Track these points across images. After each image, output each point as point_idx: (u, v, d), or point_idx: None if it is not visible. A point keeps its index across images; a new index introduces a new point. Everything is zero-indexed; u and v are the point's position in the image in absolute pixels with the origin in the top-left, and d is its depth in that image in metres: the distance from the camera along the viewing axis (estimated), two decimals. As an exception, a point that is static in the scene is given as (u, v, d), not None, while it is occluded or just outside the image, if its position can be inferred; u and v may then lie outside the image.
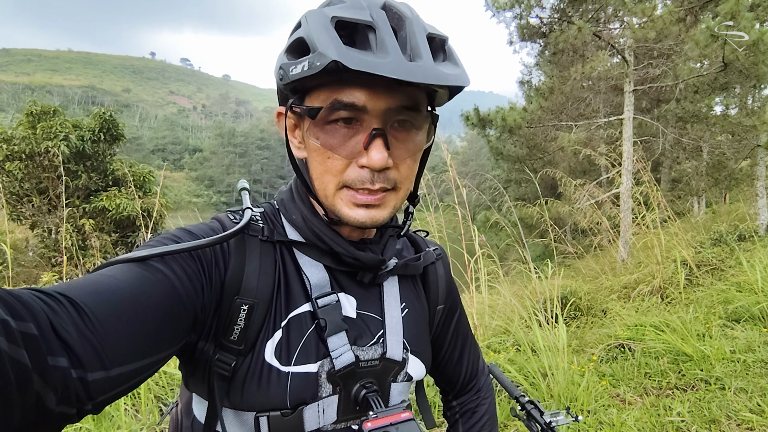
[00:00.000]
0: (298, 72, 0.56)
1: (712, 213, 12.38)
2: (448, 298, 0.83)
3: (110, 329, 0.43)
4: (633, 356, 3.33)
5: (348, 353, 0.63)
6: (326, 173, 0.60)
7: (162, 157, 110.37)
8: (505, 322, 3.94)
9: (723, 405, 2.56)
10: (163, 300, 0.50)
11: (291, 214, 0.68)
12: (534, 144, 11.36)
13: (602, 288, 5.62)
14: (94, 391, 0.41)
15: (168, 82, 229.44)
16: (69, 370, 0.38)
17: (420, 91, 0.59)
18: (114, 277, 0.48)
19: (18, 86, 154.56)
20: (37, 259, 10.46)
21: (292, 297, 0.64)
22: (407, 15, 0.58)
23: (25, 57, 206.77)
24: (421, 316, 0.76)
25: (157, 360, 0.49)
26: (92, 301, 0.43)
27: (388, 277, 0.72)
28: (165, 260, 0.53)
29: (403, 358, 0.70)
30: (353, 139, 0.58)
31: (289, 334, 0.62)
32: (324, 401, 0.63)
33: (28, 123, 10.67)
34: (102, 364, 0.41)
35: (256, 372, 0.60)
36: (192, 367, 0.63)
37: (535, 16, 8.70)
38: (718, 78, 8.16)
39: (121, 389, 0.45)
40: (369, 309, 0.70)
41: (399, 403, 0.70)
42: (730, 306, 3.94)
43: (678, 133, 10.27)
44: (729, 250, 5.93)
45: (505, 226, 5.52)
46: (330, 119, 0.58)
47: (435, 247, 0.82)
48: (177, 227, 0.62)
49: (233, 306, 0.59)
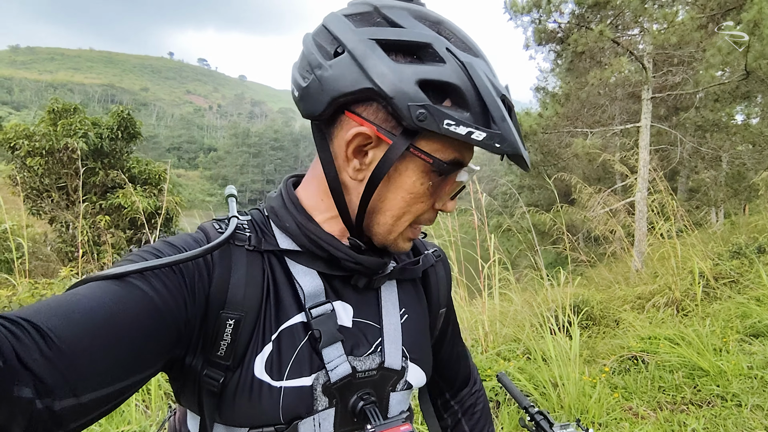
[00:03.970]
0: (452, 131, 0.52)
1: (730, 224, 12.09)
2: (449, 300, 0.82)
3: (80, 354, 0.41)
4: (646, 369, 3.27)
5: (344, 365, 0.61)
6: (407, 213, 0.61)
7: (177, 156, 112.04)
8: (516, 330, 3.90)
9: (739, 422, 2.49)
10: (141, 317, 0.48)
11: (283, 222, 0.65)
12: (548, 150, 11.27)
13: (615, 298, 5.52)
14: (65, 420, 0.40)
15: (185, 82, 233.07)
16: (34, 401, 0.37)
17: None
18: (87, 297, 0.46)
19: (41, 84, 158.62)
20: (55, 253, 10.67)
21: (283, 308, 0.61)
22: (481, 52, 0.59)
23: (49, 55, 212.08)
24: (421, 322, 0.74)
25: (136, 381, 0.47)
26: (60, 326, 0.41)
27: (385, 282, 0.70)
28: (144, 276, 0.51)
29: (403, 367, 0.67)
30: (444, 189, 0.61)
31: (280, 347, 0.60)
32: (320, 415, 0.61)
33: (50, 120, 10.91)
34: (72, 391, 0.40)
35: (246, 388, 0.57)
36: (181, 383, 0.61)
37: (553, 21, 8.64)
38: (740, 86, 8.00)
39: (97, 413, 0.44)
40: (366, 316, 0.67)
41: (398, 415, 0.68)
42: (749, 320, 3.84)
43: (697, 142, 10.09)
44: (748, 263, 5.78)
45: (516, 232, 5.48)
46: (445, 172, 0.58)
47: (434, 249, 0.80)
48: (159, 239, 0.60)
49: (219, 320, 0.56)
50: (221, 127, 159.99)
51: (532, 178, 15.67)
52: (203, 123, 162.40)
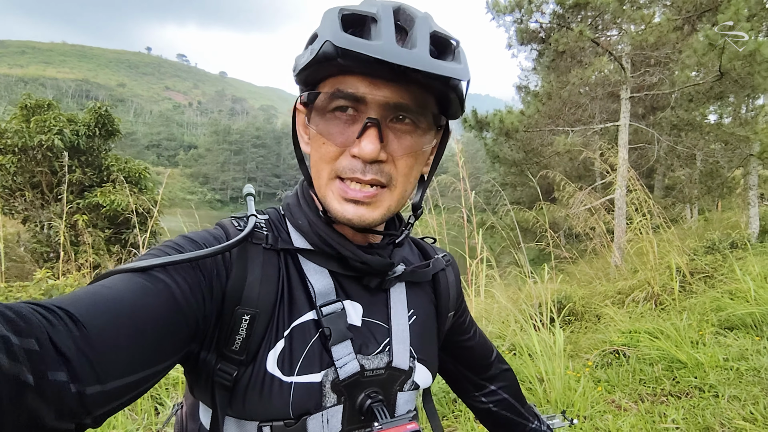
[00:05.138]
0: (304, 60, 0.58)
1: (704, 220, 12.50)
2: (458, 304, 0.84)
3: (107, 342, 0.43)
4: (628, 362, 3.36)
5: (353, 362, 0.63)
6: (320, 161, 0.61)
7: (157, 153, 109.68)
8: (501, 327, 3.96)
9: (717, 412, 2.58)
10: (163, 311, 0.49)
11: (297, 219, 0.67)
12: (530, 148, 11.41)
13: (596, 293, 5.65)
14: (92, 406, 0.41)
15: (164, 78, 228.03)
16: (68, 385, 0.38)
17: (426, 92, 0.59)
18: (113, 288, 0.47)
19: (11, 78, 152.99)
20: (29, 254, 10.34)
21: (296, 305, 0.63)
22: (418, 15, 0.59)
23: (19, 49, 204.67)
24: (429, 324, 0.76)
25: (157, 371, 0.49)
26: (90, 314, 0.43)
27: (395, 283, 0.71)
28: (166, 270, 0.53)
29: (410, 367, 0.69)
30: (349, 128, 0.58)
31: (292, 344, 0.61)
32: (328, 411, 0.62)
33: (22, 116, 10.55)
34: (97, 378, 0.41)
35: (258, 382, 0.59)
36: (196, 376, 0.62)
37: (534, 21, 8.75)
38: (714, 87, 8.25)
39: (120, 402, 0.45)
40: (375, 316, 0.68)
41: (405, 413, 0.69)
42: (723, 314, 3.98)
43: (673, 141, 10.36)
44: (722, 258, 5.99)
45: (500, 229, 5.55)
46: (330, 107, 0.58)
47: (444, 254, 0.82)
48: (179, 235, 0.61)
49: (234, 316, 0.58)
50: (201, 124, 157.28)
51: (514, 176, 15.86)
52: (183, 120, 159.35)
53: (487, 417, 0.96)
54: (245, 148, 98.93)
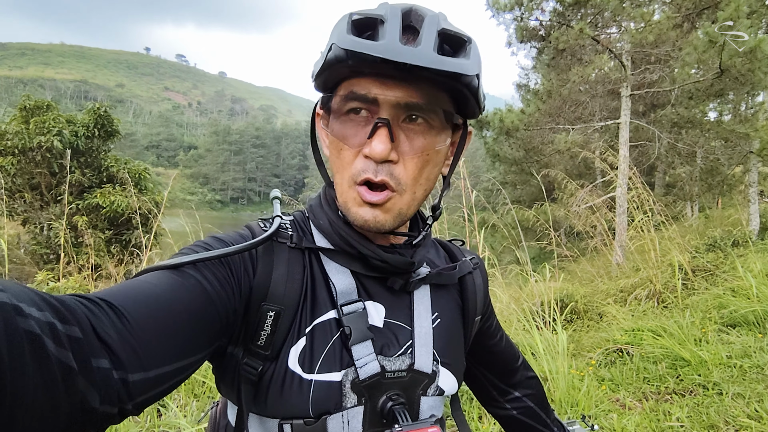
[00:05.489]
0: (318, 65, 0.60)
1: (705, 218, 12.49)
2: (485, 308, 0.82)
3: (148, 332, 0.45)
4: (631, 360, 3.35)
5: (373, 363, 0.62)
6: (341, 168, 0.61)
7: (156, 154, 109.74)
8: (504, 326, 3.95)
9: (721, 410, 2.57)
10: (196, 304, 0.51)
11: (318, 219, 0.68)
12: (531, 147, 11.40)
13: (598, 291, 5.64)
14: (135, 392, 0.43)
15: (163, 78, 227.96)
16: (111, 371, 0.40)
17: (438, 91, 0.58)
18: (150, 283, 0.50)
19: (11, 80, 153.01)
20: (29, 256, 10.33)
21: (318, 304, 0.64)
22: (428, 14, 0.58)
23: (19, 51, 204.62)
24: (454, 328, 0.74)
25: (191, 362, 0.50)
26: (131, 306, 0.45)
27: (419, 286, 0.70)
28: (197, 267, 0.55)
29: (433, 371, 0.67)
30: (362, 129, 0.59)
31: (313, 342, 0.62)
32: (348, 412, 0.61)
33: (22, 118, 10.54)
34: (141, 365, 0.43)
35: (279, 378, 0.60)
36: (222, 372, 0.64)
37: (534, 19, 8.74)
38: (714, 84, 8.24)
39: (159, 390, 0.46)
40: (398, 318, 0.68)
41: (428, 418, 0.67)
42: (725, 311, 3.97)
43: (673, 138, 10.35)
44: (724, 256, 5.98)
45: (501, 228, 5.54)
46: (344, 110, 0.59)
47: (472, 257, 0.80)
48: (208, 234, 0.64)
49: (260, 311, 0.59)
50: (201, 124, 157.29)
51: (514, 174, 15.85)
52: (182, 120, 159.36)
53: (510, 424, 0.94)
54: (245, 149, 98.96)
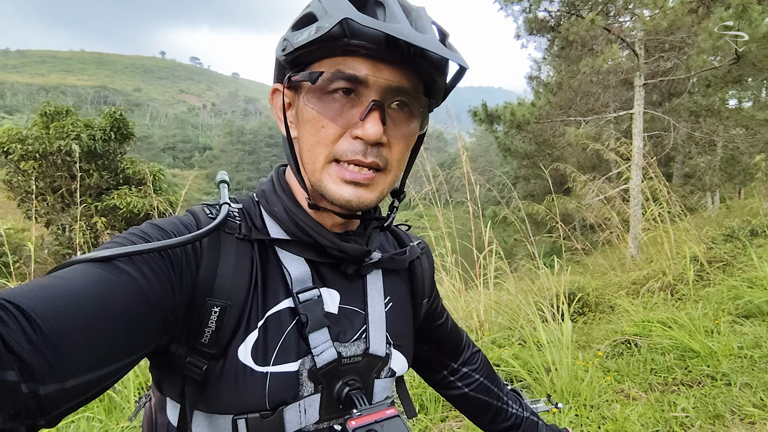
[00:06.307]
0: (303, 38, 0.56)
1: (726, 208, 12.17)
2: (432, 290, 0.84)
3: (65, 339, 0.40)
4: (639, 352, 3.31)
5: (330, 350, 0.62)
6: (318, 144, 0.58)
7: (172, 156, 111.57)
8: (511, 319, 3.94)
9: (728, 400, 2.54)
10: (127, 303, 0.46)
11: (272, 206, 0.66)
12: (542, 140, 11.25)
13: (611, 284, 5.57)
14: (48, 405, 0.39)
15: (178, 81, 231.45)
16: (19, 384, 0.36)
17: (418, 78, 0.60)
18: (72, 280, 0.44)
19: (33, 87, 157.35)
20: (52, 256, 10.66)
21: (271, 294, 0.62)
22: (414, 6, 0.60)
23: (40, 58, 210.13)
24: (405, 311, 0.76)
25: (121, 366, 0.46)
26: (45, 309, 0.40)
27: (372, 270, 0.71)
28: (132, 260, 0.50)
29: (387, 354, 0.68)
30: (351, 110, 0.57)
31: (266, 334, 0.60)
32: (305, 401, 0.61)
33: (42, 123, 10.87)
34: (55, 376, 0.39)
35: (231, 374, 0.57)
36: (164, 370, 0.61)
37: (543, 10, 8.62)
38: (732, 71, 8.00)
39: (78, 400, 0.42)
40: (352, 303, 0.68)
41: (383, 400, 0.69)
42: (740, 302, 3.89)
43: (690, 128, 10.09)
44: (741, 246, 5.83)
45: (513, 221, 5.51)
46: (329, 88, 0.57)
47: (418, 241, 0.82)
48: (146, 222, 0.59)
49: (204, 307, 0.56)
50: (215, 125, 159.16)
51: (527, 168, 15.68)
52: (197, 122, 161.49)
53: (463, 403, 0.95)
54: (259, 148, 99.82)
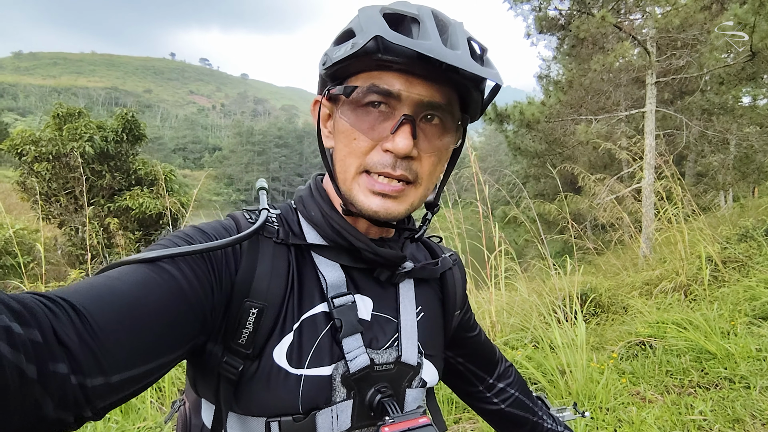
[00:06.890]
0: (340, 54, 0.58)
1: (739, 207, 11.98)
2: (464, 302, 0.84)
3: (111, 334, 0.42)
4: (654, 354, 3.27)
5: (363, 356, 0.62)
6: (350, 155, 0.60)
7: (183, 156, 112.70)
8: (523, 319, 3.91)
9: (747, 404, 2.49)
10: (169, 302, 0.49)
11: (309, 210, 0.67)
12: (553, 139, 11.18)
13: (623, 284, 5.51)
14: (94, 398, 0.41)
15: (188, 82, 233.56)
16: (68, 376, 0.38)
17: (453, 92, 0.61)
18: (118, 280, 0.47)
19: (45, 89, 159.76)
20: (65, 257, 10.81)
21: (306, 298, 0.63)
22: (451, 22, 0.61)
23: (51, 60, 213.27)
24: (436, 321, 0.76)
25: (163, 363, 0.48)
26: (94, 306, 0.43)
27: (404, 279, 0.72)
28: (174, 261, 0.52)
29: (418, 363, 0.69)
30: (383, 123, 0.59)
31: (301, 337, 0.61)
32: (338, 406, 0.61)
33: (55, 125, 11.02)
34: (101, 370, 0.41)
35: (265, 375, 0.58)
36: (200, 370, 0.62)
37: (553, 8, 8.55)
38: (746, 68, 7.87)
39: (123, 395, 0.44)
40: (384, 311, 0.69)
41: (416, 409, 0.69)
42: (757, 303, 3.83)
43: (703, 126, 9.96)
44: (756, 246, 5.74)
45: (524, 221, 5.47)
46: (363, 102, 0.59)
47: (451, 253, 0.83)
48: (189, 225, 0.62)
49: (242, 308, 0.58)
50: (225, 126, 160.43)
51: (537, 167, 15.58)
52: (207, 123, 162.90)
53: (499, 419, 0.94)
54: (268, 149, 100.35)
